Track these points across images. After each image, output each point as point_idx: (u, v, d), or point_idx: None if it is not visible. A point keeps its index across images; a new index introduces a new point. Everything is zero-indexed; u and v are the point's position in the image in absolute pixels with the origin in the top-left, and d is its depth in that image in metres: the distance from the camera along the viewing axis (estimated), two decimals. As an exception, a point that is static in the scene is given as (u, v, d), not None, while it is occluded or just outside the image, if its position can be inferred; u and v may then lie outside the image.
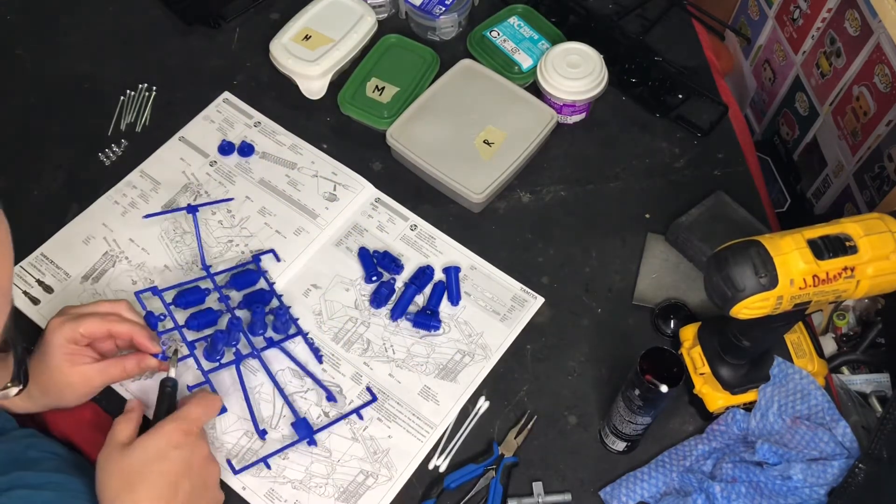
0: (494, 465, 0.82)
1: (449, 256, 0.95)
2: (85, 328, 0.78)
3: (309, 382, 0.86)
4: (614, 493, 0.81)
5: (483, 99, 1.01)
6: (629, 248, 0.96)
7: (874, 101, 1.08)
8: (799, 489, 0.77)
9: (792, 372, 0.83)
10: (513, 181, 1.00)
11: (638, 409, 0.75)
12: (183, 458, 0.71)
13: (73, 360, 0.78)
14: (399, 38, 1.08)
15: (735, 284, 0.67)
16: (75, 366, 0.78)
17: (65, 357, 0.78)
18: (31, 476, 0.71)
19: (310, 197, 0.98)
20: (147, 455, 0.71)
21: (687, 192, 0.99)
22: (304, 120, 1.04)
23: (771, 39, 1.31)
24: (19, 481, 0.70)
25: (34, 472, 0.72)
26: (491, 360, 0.88)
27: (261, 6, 1.14)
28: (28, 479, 0.71)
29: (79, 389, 0.80)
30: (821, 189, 1.24)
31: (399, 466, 0.82)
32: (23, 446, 0.75)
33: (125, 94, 1.06)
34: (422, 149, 0.97)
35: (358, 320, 0.90)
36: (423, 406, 0.85)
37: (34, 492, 0.70)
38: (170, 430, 0.72)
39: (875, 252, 0.67)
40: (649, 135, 1.05)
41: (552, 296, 0.93)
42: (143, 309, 0.88)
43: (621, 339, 0.90)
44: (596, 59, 1.01)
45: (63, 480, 0.73)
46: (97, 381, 0.80)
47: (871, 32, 1.06)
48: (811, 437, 0.80)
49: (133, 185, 0.98)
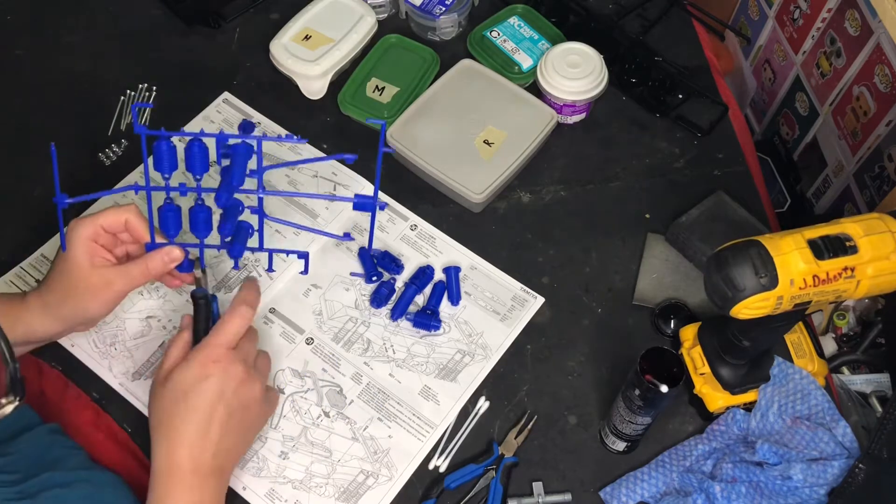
0: (494, 465, 0.82)
1: (449, 256, 0.95)
2: (104, 220, 0.77)
3: (309, 382, 0.86)
4: (614, 493, 0.81)
5: (483, 99, 1.01)
6: (629, 248, 0.96)
7: (874, 101, 1.08)
8: (799, 489, 0.77)
9: (792, 372, 0.83)
10: (513, 181, 1.00)
11: (638, 409, 0.75)
12: (213, 388, 0.71)
13: (94, 261, 0.77)
14: (399, 38, 1.08)
15: (735, 284, 0.67)
16: (95, 267, 0.77)
17: (85, 256, 0.76)
18: (59, 475, 0.72)
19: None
20: (175, 394, 0.71)
21: (687, 192, 0.99)
22: (304, 120, 1.04)
23: (771, 39, 1.31)
24: (49, 482, 0.70)
25: (61, 472, 0.72)
26: (491, 360, 0.88)
27: (261, 6, 1.14)
28: (57, 479, 0.71)
29: (100, 295, 0.78)
30: (821, 189, 1.24)
31: (399, 466, 0.82)
32: (46, 444, 0.76)
33: (125, 94, 1.06)
34: (422, 149, 0.97)
35: (358, 320, 0.90)
36: (424, 406, 0.85)
37: (66, 490, 0.71)
38: (197, 361, 0.72)
39: (875, 252, 0.67)
40: (649, 135, 1.05)
41: (552, 296, 0.93)
42: None
43: (621, 339, 0.90)
44: (596, 59, 1.01)
45: (88, 475, 0.73)
46: (118, 284, 0.78)
47: (871, 32, 1.06)
48: (811, 437, 0.80)
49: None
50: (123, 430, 0.83)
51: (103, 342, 0.88)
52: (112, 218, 0.78)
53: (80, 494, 0.71)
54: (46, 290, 0.78)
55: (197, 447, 0.71)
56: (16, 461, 0.71)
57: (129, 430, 0.83)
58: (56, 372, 0.86)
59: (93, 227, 0.77)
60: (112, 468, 0.79)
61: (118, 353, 0.87)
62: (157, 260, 0.79)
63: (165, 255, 0.79)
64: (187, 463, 0.70)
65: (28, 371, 0.85)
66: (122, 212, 0.78)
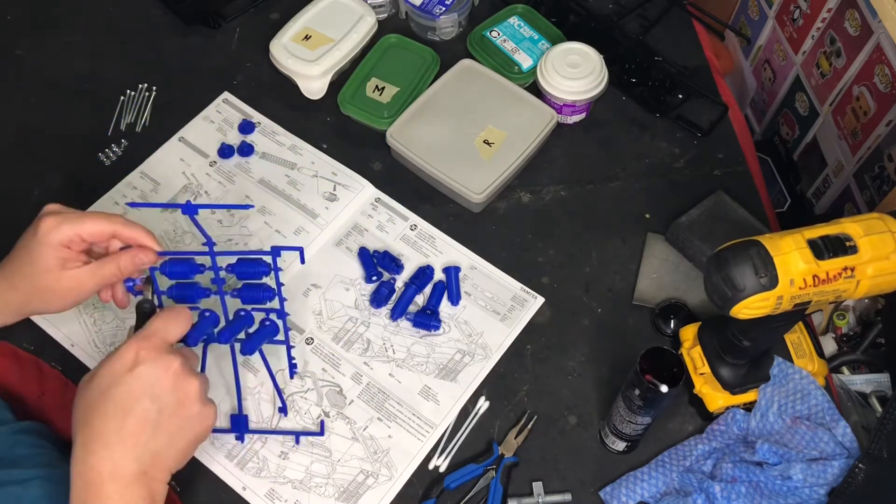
0: (494, 465, 0.82)
1: (449, 256, 0.95)
2: (88, 230, 0.72)
3: (309, 382, 0.86)
4: (614, 493, 0.81)
5: (483, 99, 1.01)
6: (629, 248, 0.96)
7: (874, 101, 1.08)
8: (799, 489, 0.77)
9: (792, 372, 0.83)
10: (513, 181, 1.00)
11: (638, 409, 0.75)
12: (142, 378, 0.63)
13: (66, 265, 0.72)
14: (399, 38, 1.08)
15: (735, 284, 0.67)
16: (67, 270, 0.72)
17: (57, 261, 0.71)
18: (16, 473, 0.69)
19: (310, 197, 0.98)
20: (99, 388, 0.63)
21: (687, 192, 0.99)
22: (304, 120, 1.04)
23: (771, 39, 1.31)
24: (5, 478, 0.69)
25: (20, 469, 0.70)
26: (491, 360, 0.88)
27: (261, 6, 1.14)
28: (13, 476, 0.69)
29: (68, 296, 0.74)
30: (821, 189, 1.24)
31: (399, 466, 0.82)
32: (10, 443, 0.74)
33: (125, 94, 1.06)
34: (422, 149, 0.97)
35: (358, 320, 0.90)
36: (423, 406, 0.85)
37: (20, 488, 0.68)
38: (124, 351, 0.65)
39: (875, 252, 0.67)
40: (649, 135, 1.05)
41: (552, 296, 0.93)
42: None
43: (621, 339, 0.90)
44: (596, 59, 1.01)
45: (48, 473, 0.71)
46: (89, 284, 0.73)
47: (871, 32, 1.06)
48: (811, 437, 0.80)
49: (133, 186, 0.98)
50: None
51: (103, 342, 0.88)
52: (96, 229, 0.73)
53: (38, 494, 0.68)
54: (9, 287, 0.74)
55: (117, 448, 0.62)
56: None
57: (129, 430, 0.83)
58: (56, 372, 0.86)
59: (71, 233, 0.72)
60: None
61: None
62: (129, 261, 0.74)
63: (136, 255, 0.74)
64: (105, 467, 0.62)
65: (28, 371, 0.85)
66: (108, 224, 0.73)
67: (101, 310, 0.89)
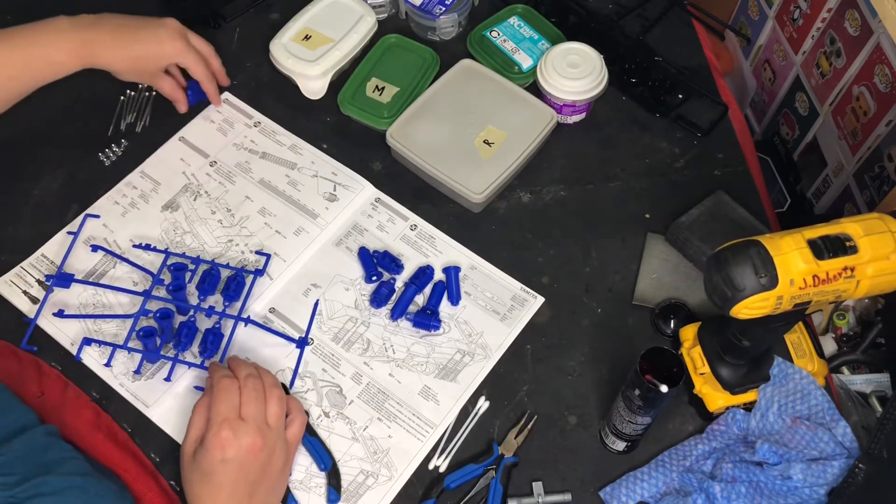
0: (494, 465, 0.82)
1: (449, 256, 0.95)
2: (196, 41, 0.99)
3: (308, 383, 0.86)
4: (614, 493, 0.81)
5: (483, 99, 1.01)
6: (629, 248, 0.96)
7: (874, 101, 1.08)
8: (799, 489, 0.78)
9: (792, 372, 0.83)
10: (513, 181, 1.00)
11: (638, 409, 0.75)
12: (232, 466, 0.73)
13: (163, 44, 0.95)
14: (399, 38, 1.08)
15: (735, 284, 0.67)
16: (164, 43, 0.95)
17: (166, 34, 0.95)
18: (54, 480, 0.70)
19: (310, 197, 0.98)
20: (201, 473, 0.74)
21: (687, 192, 0.99)
22: (304, 120, 1.05)
23: (771, 39, 1.31)
24: (43, 486, 0.68)
25: (56, 476, 0.70)
26: (491, 359, 0.88)
27: (261, 6, 1.14)
28: (51, 484, 0.69)
29: (137, 64, 0.95)
30: (821, 189, 1.24)
31: (399, 466, 0.82)
32: (42, 446, 0.74)
33: (125, 94, 1.05)
34: (422, 149, 0.97)
35: (358, 320, 0.90)
36: (423, 406, 0.86)
37: (57, 498, 0.68)
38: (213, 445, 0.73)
39: (875, 252, 0.67)
40: (649, 135, 1.05)
41: (552, 296, 0.93)
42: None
43: (621, 339, 0.90)
44: (596, 59, 1.01)
45: (84, 483, 0.72)
46: (152, 65, 0.97)
47: (871, 32, 1.06)
48: (811, 437, 0.80)
49: (133, 186, 0.98)
50: (123, 430, 0.83)
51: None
52: (201, 45, 1.00)
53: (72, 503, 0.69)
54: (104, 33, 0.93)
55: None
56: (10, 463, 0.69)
57: (129, 430, 0.83)
58: (56, 372, 0.86)
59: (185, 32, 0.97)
60: (111, 468, 0.79)
61: (118, 353, 0.87)
62: (171, 86, 1.00)
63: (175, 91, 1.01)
64: None
65: (28, 371, 0.85)
66: (207, 48, 1.00)
67: (102, 310, 0.89)
